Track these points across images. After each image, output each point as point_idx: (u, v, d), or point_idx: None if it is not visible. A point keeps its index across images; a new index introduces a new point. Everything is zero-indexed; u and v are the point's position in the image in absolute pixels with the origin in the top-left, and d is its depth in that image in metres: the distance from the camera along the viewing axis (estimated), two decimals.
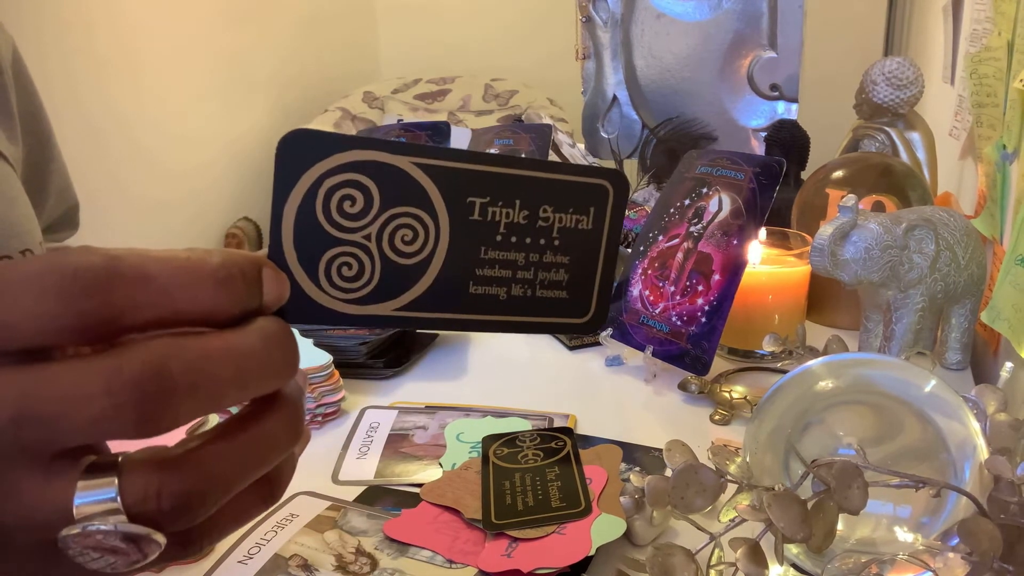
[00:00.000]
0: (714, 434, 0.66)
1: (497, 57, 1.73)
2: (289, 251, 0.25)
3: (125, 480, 0.22)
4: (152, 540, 0.22)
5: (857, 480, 0.39)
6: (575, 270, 0.30)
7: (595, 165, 0.29)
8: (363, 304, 0.26)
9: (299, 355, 0.25)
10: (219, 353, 0.23)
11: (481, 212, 0.27)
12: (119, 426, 0.21)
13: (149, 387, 0.21)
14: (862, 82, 0.98)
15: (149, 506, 0.22)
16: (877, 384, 0.47)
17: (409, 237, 0.26)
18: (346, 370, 0.74)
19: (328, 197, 0.25)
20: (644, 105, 1.15)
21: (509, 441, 0.62)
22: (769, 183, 0.71)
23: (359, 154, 0.25)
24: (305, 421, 0.26)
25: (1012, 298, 0.60)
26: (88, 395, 0.21)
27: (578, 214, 0.30)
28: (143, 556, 0.23)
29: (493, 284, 0.29)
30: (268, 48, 1.49)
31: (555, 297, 0.30)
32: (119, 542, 0.22)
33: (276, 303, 0.25)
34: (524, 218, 0.28)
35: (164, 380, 0.22)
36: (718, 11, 1.07)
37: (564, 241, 0.30)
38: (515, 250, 0.29)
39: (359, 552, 0.51)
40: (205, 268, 0.23)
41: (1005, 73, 0.70)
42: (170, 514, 0.22)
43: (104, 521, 0.22)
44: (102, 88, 1.13)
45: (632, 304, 0.78)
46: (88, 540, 0.22)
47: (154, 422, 0.22)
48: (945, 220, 0.69)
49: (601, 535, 0.49)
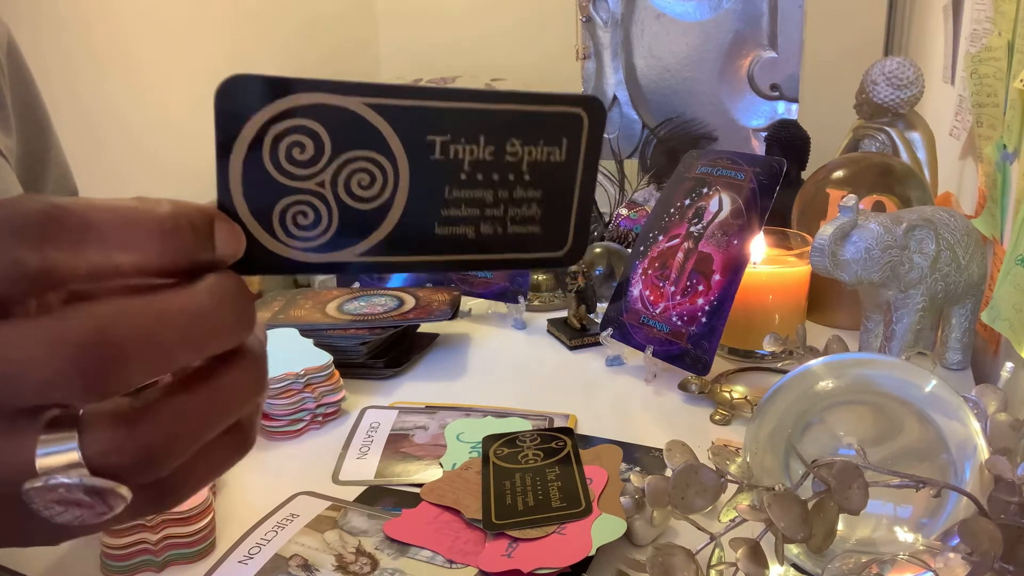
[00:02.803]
0: (714, 434, 0.66)
1: (497, 57, 1.73)
2: (240, 203, 0.24)
3: (86, 434, 0.22)
4: (116, 493, 0.22)
5: (857, 480, 0.39)
6: (549, 204, 0.28)
7: (567, 92, 0.27)
8: (323, 252, 0.25)
9: (254, 311, 0.24)
10: (167, 315, 0.22)
11: (443, 151, 0.26)
12: (67, 391, 0.21)
13: (92, 353, 0.21)
14: (862, 82, 0.98)
15: (111, 460, 0.22)
16: (877, 384, 0.47)
17: (366, 182, 0.25)
18: (346, 370, 0.74)
19: (275, 145, 0.24)
20: (644, 105, 1.15)
21: (509, 441, 0.62)
22: (769, 183, 0.71)
23: (305, 97, 0.24)
24: (267, 371, 0.25)
25: (1012, 298, 0.60)
26: (33, 360, 0.20)
27: (549, 146, 0.28)
28: (109, 509, 0.22)
29: (460, 224, 0.27)
30: (268, 48, 1.49)
31: (528, 232, 0.29)
32: (83, 495, 0.22)
33: (232, 257, 0.24)
34: (490, 154, 0.27)
35: (108, 346, 0.21)
36: (718, 11, 1.07)
37: (535, 175, 0.28)
38: (482, 188, 0.27)
39: (359, 552, 0.51)
40: (151, 218, 0.22)
41: (1005, 73, 0.70)
42: (132, 467, 0.22)
43: (66, 475, 0.22)
44: (100, 87, 1.13)
45: (632, 304, 0.78)
46: (51, 494, 0.22)
47: (100, 386, 0.21)
48: (945, 220, 0.69)
49: (601, 535, 0.49)
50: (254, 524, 0.54)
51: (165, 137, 1.26)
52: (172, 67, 1.25)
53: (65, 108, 1.10)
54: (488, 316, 0.94)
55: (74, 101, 1.07)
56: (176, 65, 1.26)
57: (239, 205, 0.24)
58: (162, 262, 0.22)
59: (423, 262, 0.27)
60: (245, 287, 0.24)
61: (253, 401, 0.25)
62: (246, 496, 0.59)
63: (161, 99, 1.24)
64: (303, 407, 0.67)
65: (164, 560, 0.50)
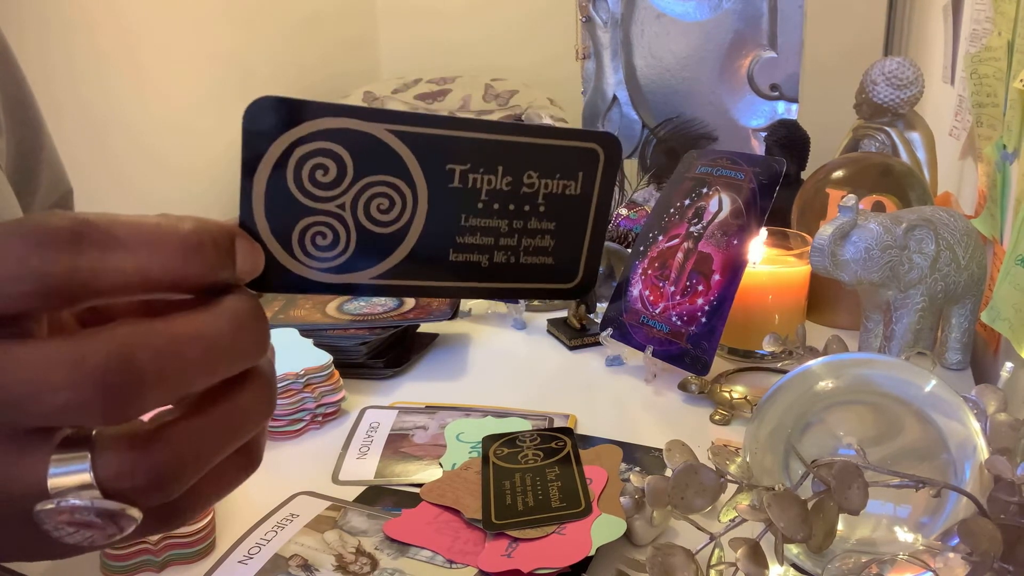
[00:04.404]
0: (714, 434, 0.66)
1: (497, 57, 1.73)
2: (261, 222, 0.25)
3: (98, 456, 0.22)
4: (127, 516, 0.22)
5: (857, 480, 0.39)
6: (562, 236, 0.29)
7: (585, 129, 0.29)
8: (339, 273, 0.26)
9: (269, 334, 0.25)
10: (187, 338, 0.22)
11: (461, 179, 0.27)
12: (85, 415, 0.21)
13: (114, 379, 0.21)
14: (862, 82, 0.98)
15: (123, 483, 0.22)
16: (877, 384, 0.47)
17: (385, 206, 0.26)
18: (346, 370, 0.74)
19: (300, 166, 0.25)
20: (644, 105, 1.15)
21: (509, 441, 0.62)
22: (769, 183, 0.71)
23: (331, 121, 0.25)
24: (277, 393, 0.26)
25: (1012, 298, 0.60)
26: (52, 385, 0.21)
27: (565, 179, 0.28)
28: (119, 530, 0.22)
29: (475, 251, 0.28)
30: (268, 47, 1.49)
31: (540, 263, 0.29)
32: (94, 517, 0.22)
33: (250, 274, 0.24)
34: (507, 184, 0.27)
35: (129, 371, 0.21)
36: (718, 11, 1.07)
37: (550, 207, 0.28)
38: (498, 217, 0.28)
39: (359, 552, 0.51)
40: (175, 235, 0.22)
41: (1005, 73, 0.70)
42: (144, 490, 0.22)
43: (78, 496, 0.22)
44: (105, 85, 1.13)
45: (632, 304, 0.78)
46: (62, 516, 0.22)
47: (120, 412, 0.21)
48: (945, 220, 0.69)
49: (601, 535, 0.49)
50: (254, 524, 0.54)
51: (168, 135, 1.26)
52: (173, 66, 1.25)
53: (70, 107, 1.10)
54: (488, 316, 0.94)
55: (79, 100, 1.07)
56: (177, 64, 1.26)
57: (260, 224, 0.25)
58: (184, 278, 0.23)
59: (435, 287, 0.28)
60: (262, 311, 0.24)
61: (262, 422, 0.26)
62: (246, 496, 0.58)
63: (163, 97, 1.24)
64: (303, 407, 0.67)
65: (164, 560, 0.50)
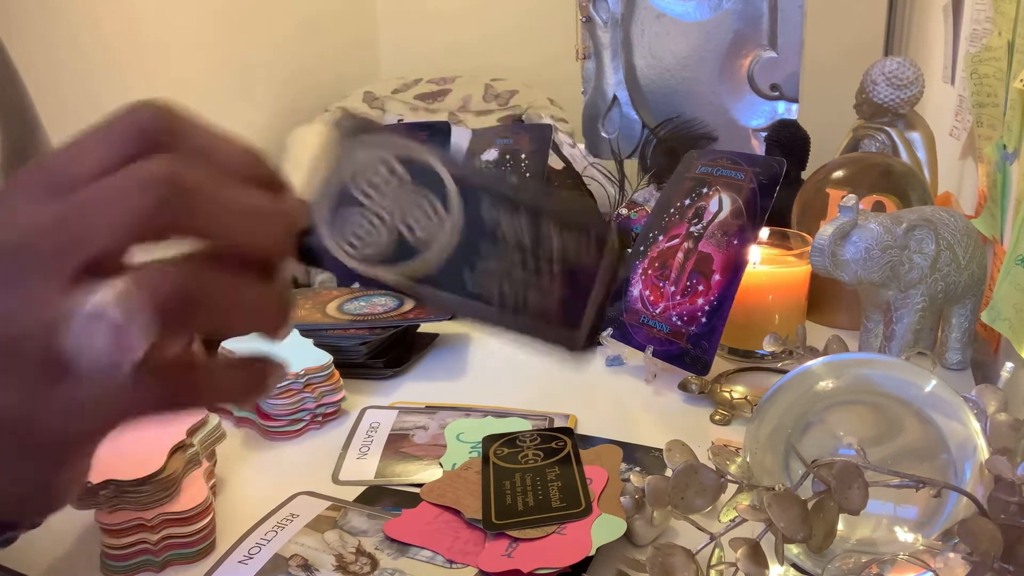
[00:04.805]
0: (714, 434, 0.66)
1: (497, 57, 1.72)
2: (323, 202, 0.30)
3: (128, 275, 0.24)
4: (143, 326, 0.23)
5: (857, 480, 0.40)
6: (570, 295, 0.32)
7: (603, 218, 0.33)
8: (366, 264, 0.30)
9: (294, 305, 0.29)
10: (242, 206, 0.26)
11: (491, 224, 0.31)
12: (144, 224, 0.24)
13: (163, 191, 0.24)
14: (862, 82, 0.98)
15: (151, 286, 0.23)
16: (877, 384, 0.47)
17: (422, 222, 0.30)
18: (346, 370, 0.73)
19: (369, 170, 0.30)
20: (644, 105, 1.15)
21: (509, 441, 0.62)
22: (769, 183, 0.71)
23: (410, 149, 0.30)
24: (291, 299, 0.29)
25: (1012, 298, 0.60)
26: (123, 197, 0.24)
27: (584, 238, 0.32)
28: (131, 348, 0.23)
29: (487, 288, 0.31)
30: (268, 47, 1.49)
31: (543, 316, 0.32)
32: (115, 313, 0.23)
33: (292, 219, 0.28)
34: (531, 240, 0.31)
35: (181, 201, 0.24)
36: (718, 11, 1.07)
37: (563, 273, 0.32)
38: (518, 267, 0.31)
39: (359, 552, 0.51)
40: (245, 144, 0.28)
41: (1005, 73, 0.70)
42: (167, 301, 0.24)
43: (102, 299, 0.23)
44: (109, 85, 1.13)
45: (632, 304, 0.78)
46: (83, 320, 0.23)
47: (164, 212, 0.24)
48: (945, 220, 0.69)
49: (601, 535, 0.49)
50: (254, 524, 0.54)
51: None
52: (173, 66, 1.26)
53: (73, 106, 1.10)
54: None
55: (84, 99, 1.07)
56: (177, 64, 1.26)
57: (322, 204, 0.29)
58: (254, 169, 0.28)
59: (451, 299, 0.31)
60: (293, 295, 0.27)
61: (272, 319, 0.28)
62: (246, 496, 0.59)
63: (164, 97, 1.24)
64: (303, 407, 0.67)
65: (164, 560, 0.50)
